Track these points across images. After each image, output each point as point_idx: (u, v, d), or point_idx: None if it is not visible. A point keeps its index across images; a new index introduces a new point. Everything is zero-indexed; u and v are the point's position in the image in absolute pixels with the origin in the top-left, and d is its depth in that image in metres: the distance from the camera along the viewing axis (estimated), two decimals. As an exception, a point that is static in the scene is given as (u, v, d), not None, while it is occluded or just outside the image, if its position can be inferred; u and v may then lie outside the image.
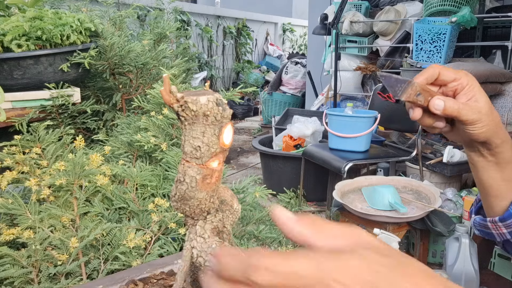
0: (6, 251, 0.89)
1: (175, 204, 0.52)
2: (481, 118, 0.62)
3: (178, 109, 0.46)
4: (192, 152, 0.48)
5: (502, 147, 0.66)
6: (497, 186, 0.69)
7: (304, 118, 4.08)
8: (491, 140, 0.65)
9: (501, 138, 0.66)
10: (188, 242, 0.52)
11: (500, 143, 0.66)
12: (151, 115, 1.30)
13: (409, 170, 3.35)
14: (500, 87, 3.49)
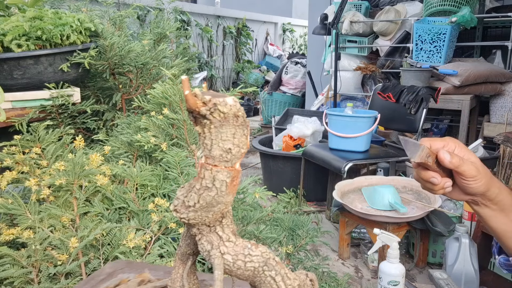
0: (6, 251, 0.89)
1: (193, 214, 0.50)
2: (478, 172, 0.70)
3: (206, 113, 0.45)
4: (222, 155, 0.47)
5: (501, 195, 0.74)
6: (508, 229, 0.75)
7: (304, 118, 4.08)
8: (490, 190, 0.72)
9: (498, 187, 0.74)
10: (214, 251, 0.51)
11: (498, 192, 0.73)
12: (151, 115, 1.30)
13: (409, 170, 3.35)
14: (500, 87, 3.49)
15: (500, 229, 0.76)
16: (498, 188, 0.74)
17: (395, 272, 1.59)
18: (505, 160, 2.86)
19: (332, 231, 2.61)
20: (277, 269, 0.53)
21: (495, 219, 0.76)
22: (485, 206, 0.75)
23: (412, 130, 3.05)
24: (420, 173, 0.73)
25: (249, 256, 0.51)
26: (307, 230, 1.25)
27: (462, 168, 0.70)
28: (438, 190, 0.73)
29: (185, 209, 0.50)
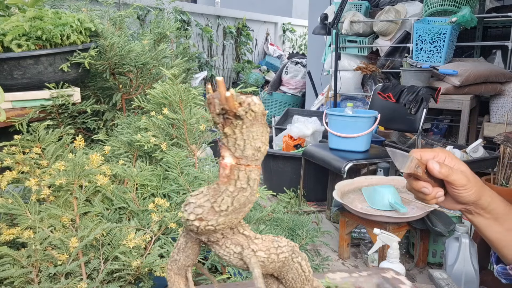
0: (6, 251, 0.89)
1: (223, 219, 0.49)
2: (468, 180, 0.71)
3: (243, 113, 0.45)
4: (254, 154, 0.47)
5: (494, 203, 0.74)
6: (503, 237, 0.75)
7: (304, 118, 4.08)
8: (482, 199, 0.73)
9: (489, 195, 0.74)
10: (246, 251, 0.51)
11: (490, 201, 0.74)
12: (151, 115, 1.30)
13: (409, 170, 3.34)
14: (500, 87, 3.49)
15: (495, 238, 0.76)
16: (490, 197, 0.74)
17: (395, 272, 1.59)
18: (505, 160, 2.86)
19: (332, 231, 2.61)
20: (301, 254, 0.55)
21: (490, 228, 0.76)
22: (478, 215, 0.75)
23: (412, 130, 3.05)
24: (412, 183, 0.74)
25: (280, 247, 0.53)
26: (307, 230, 1.25)
27: (451, 178, 0.71)
28: (431, 200, 0.74)
29: (213, 215, 0.49)
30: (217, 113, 0.46)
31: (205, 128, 1.27)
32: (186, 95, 1.26)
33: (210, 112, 0.47)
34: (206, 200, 0.49)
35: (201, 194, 0.49)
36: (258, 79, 7.91)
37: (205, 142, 1.34)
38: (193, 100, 1.29)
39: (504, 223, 0.75)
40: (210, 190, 0.49)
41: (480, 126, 3.70)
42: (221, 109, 0.45)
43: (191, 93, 1.28)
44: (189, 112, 1.26)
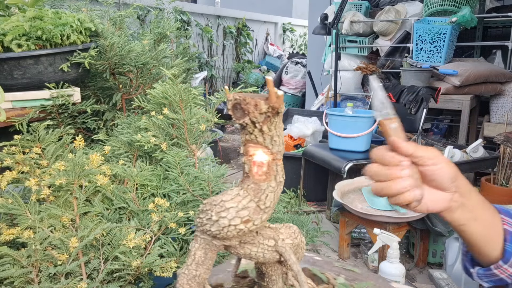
0: (6, 251, 0.89)
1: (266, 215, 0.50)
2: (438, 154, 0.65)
3: (282, 110, 0.47)
4: (280, 147, 0.50)
5: (472, 191, 0.68)
6: (486, 232, 0.69)
7: (304, 118, 4.08)
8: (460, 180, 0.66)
9: (467, 182, 0.68)
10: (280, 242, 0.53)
11: (468, 186, 0.68)
12: (151, 115, 1.30)
13: (409, 170, 3.35)
14: (500, 87, 3.49)
15: (479, 234, 0.69)
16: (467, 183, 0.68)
17: (395, 272, 1.59)
18: (505, 160, 2.86)
19: (332, 231, 2.61)
20: (301, 234, 0.59)
21: (473, 223, 0.68)
22: (461, 209, 0.67)
23: (412, 130, 3.05)
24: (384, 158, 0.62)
25: (294, 232, 0.57)
26: (307, 230, 1.25)
27: (418, 153, 0.62)
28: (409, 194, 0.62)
29: (258, 214, 0.49)
30: (262, 112, 0.46)
31: (205, 128, 1.27)
32: (186, 95, 1.26)
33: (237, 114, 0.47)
34: (250, 201, 0.48)
35: (239, 196, 0.48)
36: (258, 79, 7.91)
37: (205, 142, 1.34)
38: (193, 100, 1.29)
39: (485, 213, 0.69)
40: (248, 190, 0.49)
41: (480, 126, 3.70)
42: (268, 108, 0.46)
43: (191, 93, 1.28)
44: (189, 112, 1.26)
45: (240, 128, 0.49)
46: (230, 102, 0.47)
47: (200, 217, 0.50)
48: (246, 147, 0.48)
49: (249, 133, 0.48)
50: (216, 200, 0.49)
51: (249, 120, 0.46)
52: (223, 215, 0.48)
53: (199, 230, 0.50)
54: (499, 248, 0.69)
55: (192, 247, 0.51)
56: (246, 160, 0.49)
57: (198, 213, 0.51)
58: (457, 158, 2.99)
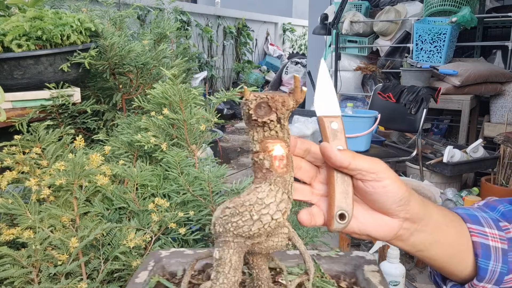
0: (6, 251, 0.89)
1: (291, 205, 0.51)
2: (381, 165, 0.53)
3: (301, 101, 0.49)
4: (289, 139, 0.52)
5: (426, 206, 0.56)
6: (450, 254, 0.59)
7: (304, 118, 4.08)
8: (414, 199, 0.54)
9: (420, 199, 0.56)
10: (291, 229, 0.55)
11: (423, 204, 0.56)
12: (151, 115, 1.30)
13: (409, 170, 3.35)
14: (500, 87, 3.49)
15: (447, 255, 0.58)
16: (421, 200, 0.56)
17: (395, 272, 1.59)
18: (505, 160, 2.86)
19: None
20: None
21: (437, 246, 0.57)
22: (420, 232, 0.55)
23: (412, 130, 3.05)
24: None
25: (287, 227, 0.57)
26: (307, 230, 1.25)
27: (356, 165, 0.50)
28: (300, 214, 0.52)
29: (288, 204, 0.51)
30: (289, 108, 0.48)
31: (205, 128, 1.27)
32: (186, 95, 1.26)
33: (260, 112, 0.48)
34: (283, 193, 0.50)
35: (272, 191, 0.49)
36: (258, 79, 7.91)
37: (205, 142, 1.34)
38: (193, 100, 1.29)
39: (449, 231, 0.57)
40: (277, 184, 0.50)
41: (480, 126, 3.70)
42: (295, 103, 0.48)
43: (191, 93, 1.28)
44: (189, 112, 1.26)
45: (255, 126, 0.49)
46: (253, 102, 0.47)
47: (232, 221, 0.49)
48: (264, 143, 0.49)
49: (269, 129, 0.49)
50: (246, 200, 0.49)
51: (276, 117, 0.48)
52: (264, 212, 0.48)
53: (232, 235, 0.50)
54: (470, 265, 0.59)
55: (223, 255, 0.50)
56: (266, 156, 0.49)
57: (224, 218, 0.50)
58: (457, 158, 2.99)
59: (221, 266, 0.50)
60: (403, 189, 0.52)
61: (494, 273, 0.57)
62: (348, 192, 0.51)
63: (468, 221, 0.59)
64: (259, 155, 0.50)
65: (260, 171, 0.50)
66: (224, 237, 0.50)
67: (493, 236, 0.59)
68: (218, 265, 0.50)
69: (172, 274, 0.77)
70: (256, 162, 0.50)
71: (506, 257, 0.58)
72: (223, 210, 0.50)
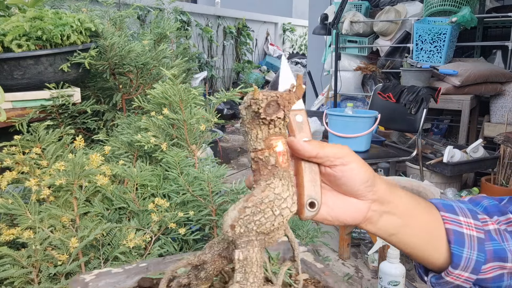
0: (6, 251, 0.89)
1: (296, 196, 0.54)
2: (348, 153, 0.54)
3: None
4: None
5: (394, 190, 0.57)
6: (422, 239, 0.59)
7: (304, 118, 4.07)
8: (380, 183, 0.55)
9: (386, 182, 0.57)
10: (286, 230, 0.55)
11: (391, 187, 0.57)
12: (151, 115, 1.30)
13: (409, 170, 3.35)
14: (501, 87, 3.49)
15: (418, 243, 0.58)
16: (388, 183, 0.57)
17: (395, 272, 1.59)
18: (505, 160, 2.86)
19: (332, 231, 2.60)
20: None
21: (408, 231, 0.58)
22: (390, 215, 0.56)
23: (412, 130, 3.05)
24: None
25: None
26: (307, 230, 1.25)
27: (324, 152, 0.52)
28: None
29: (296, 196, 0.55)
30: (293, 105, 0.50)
31: (205, 128, 1.27)
32: (186, 95, 1.26)
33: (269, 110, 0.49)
34: (292, 186, 0.52)
35: (284, 186, 0.51)
36: (258, 79, 7.91)
37: (205, 142, 1.34)
38: (193, 100, 1.29)
39: (419, 217, 0.58)
40: (286, 178, 0.51)
41: (480, 126, 3.70)
42: (296, 100, 0.51)
43: (191, 93, 1.28)
44: (189, 112, 1.26)
45: (260, 124, 0.50)
46: (264, 101, 0.48)
47: (255, 219, 0.50)
48: (268, 141, 0.50)
49: (274, 127, 0.50)
50: (264, 197, 0.50)
51: (283, 114, 0.49)
52: (284, 206, 0.50)
53: (254, 234, 0.50)
54: (444, 252, 0.58)
55: (248, 255, 0.50)
56: (272, 153, 0.51)
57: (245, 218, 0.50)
58: (457, 158, 2.99)
59: (248, 266, 0.50)
60: (368, 171, 0.55)
61: (469, 261, 0.57)
62: (316, 180, 0.53)
63: (441, 209, 0.60)
64: (264, 152, 0.51)
65: (266, 168, 0.51)
66: (247, 236, 0.50)
67: (467, 224, 0.58)
68: (244, 266, 0.50)
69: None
70: (261, 159, 0.51)
71: (483, 246, 0.57)
72: (242, 210, 0.50)
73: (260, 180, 0.51)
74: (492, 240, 0.58)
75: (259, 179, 0.52)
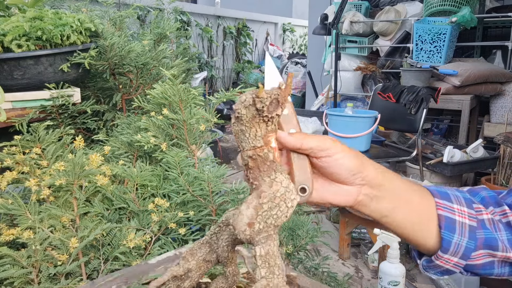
0: (6, 252, 0.89)
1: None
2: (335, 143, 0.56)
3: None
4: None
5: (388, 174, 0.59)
6: (417, 219, 0.60)
7: (304, 118, 4.08)
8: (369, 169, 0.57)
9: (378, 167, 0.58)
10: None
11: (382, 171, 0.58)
12: (151, 115, 1.30)
13: (409, 170, 3.35)
14: (500, 87, 3.49)
15: (409, 226, 0.59)
16: (379, 168, 0.58)
17: (395, 272, 1.59)
18: (505, 160, 2.86)
19: (332, 231, 2.61)
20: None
21: (399, 214, 0.59)
22: (379, 199, 0.58)
23: (412, 130, 3.05)
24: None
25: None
26: (307, 230, 1.25)
27: (308, 144, 0.55)
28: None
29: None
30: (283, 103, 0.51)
31: (205, 128, 1.27)
32: (186, 96, 1.26)
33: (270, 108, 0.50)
34: (289, 178, 0.54)
35: (287, 179, 0.53)
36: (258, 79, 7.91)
37: (205, 142, 1.34)
38: (193, 100, 1.29)
39: (411, 200, 0.59)
40: (283, 171, 0.53)
41: (480, 126, 3.70)
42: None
43: (191, 93, 1.28)
44: (189, 112, 1.26)
45: (260, 122, 0.51)
46: (268, 99, 0.49)
47: (272, 214, 0.51)
48: (266, 137, 0.52)
49: (272, 123, 0.52)
50: (276, 191, 0.51)
51: (281, 111, 0.51)
52: (292, 197, 0.53)
53: (273, 228, 0.52)
54: (434, 236, 0.60)
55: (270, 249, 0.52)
56: (270, 149, 0.52)
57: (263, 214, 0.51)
58: (457, 158, 2.99)
59: (272, 260, 0.51)
60: (355, 159, 0.57)
61: (459, 247, 0.59)
62: (305, 167, 0.56)
63: (436, 196, 0.61)
64: (263, 149, 0.52)
65: (265, 164, 0.52)
66: (266, 232, 0.51)
67: (460, 212, 0.60)
68: (266, 261, 0.51)
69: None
70: (260, 156, 0.52)
71: (474, 234, 0.59)
72: (259, 206, 0.51)
73: (260, 176, 0.52)
74: (484, 229, 0.59)
75: (259, 176, 0.52)
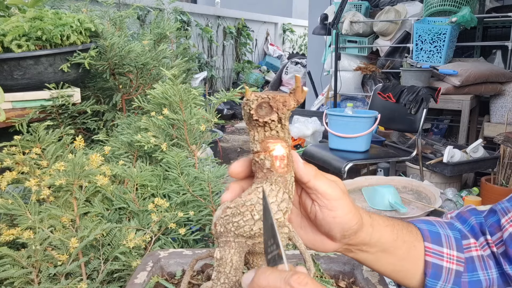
0: (6, 252, 0.89)
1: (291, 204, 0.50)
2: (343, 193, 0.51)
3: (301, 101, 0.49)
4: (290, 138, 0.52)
5: (378, 233, 0.55)
6: (399, 268, 0.59)
7: (304, 118, 4.08)
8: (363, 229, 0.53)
9: (370, 223, 0.54)
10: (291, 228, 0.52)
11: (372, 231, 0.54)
12: (151, 115, 1.30)
13: (409, 170, 3.35)
14: (500, 87, 3.49)
15: (390, 270, 0.59)
16: (371, 226, 0.54)
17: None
18: (505, 160, 2.86)
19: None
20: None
21: (380, 263, 0.57)
22: (361, 252, 0.56)
23: (412, 130, 3.05)
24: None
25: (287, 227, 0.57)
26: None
27: (315, 185, 0.50)
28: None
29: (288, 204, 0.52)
30: (290, 108, 0.48)
31: (205, 128, 1.27)
32: (186, 96, 1.26)
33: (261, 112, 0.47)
34: (283, 193, 0.49)
35: (273, 191, 0.49)
36: (258, 79, 7.91)
37: (205, 143, 1.34)
38: (193, 100, 1.29)
39: (396, 252, 0.57)
40: (278, 184, 0.49)
41: (480, 126, 3.70)
42: (296, 103, 0.48)
43: (191, 93, 1.28)
44: (189, 112, 1.26)
45: (256, 126, 0.49)
46: (254, 102, 0.47)
47: (234, 221, 0.49)
48: (264, 143, 0.49)
49: (270, 129, 0.49)
50: (247, 200, 0.49)
51: (277, 117, 0.48)
52: (276, 209, 0.49)
53: (233, 235, 0.49)
54: (418, 279, 0.59)
55: (224, 255, 0.50)
56: (267, 156, 0.49)
57: (225, 218, 0.49)
58: (457, 158, 2.99)
59: (222, 266, 0.50)
60: (354, 221, 0.51)
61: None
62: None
63: (427, 239, 0.59)
64: (259, 155, 0.50)
65: (261, 171, 0.50)
66: (225, 237, 0.50)
67: (449, 257, 0.59)
68: (219, 265, 0.50)
69: (170, 274, 0.77)
70: (257, 162, 0.50)
71: (459, 279, 0.59)
72: (224, 210, 0.50)
73: (255, 182, 0.51)
74: (470, 272, 0.59)
75: (254, 181, 0.51)
